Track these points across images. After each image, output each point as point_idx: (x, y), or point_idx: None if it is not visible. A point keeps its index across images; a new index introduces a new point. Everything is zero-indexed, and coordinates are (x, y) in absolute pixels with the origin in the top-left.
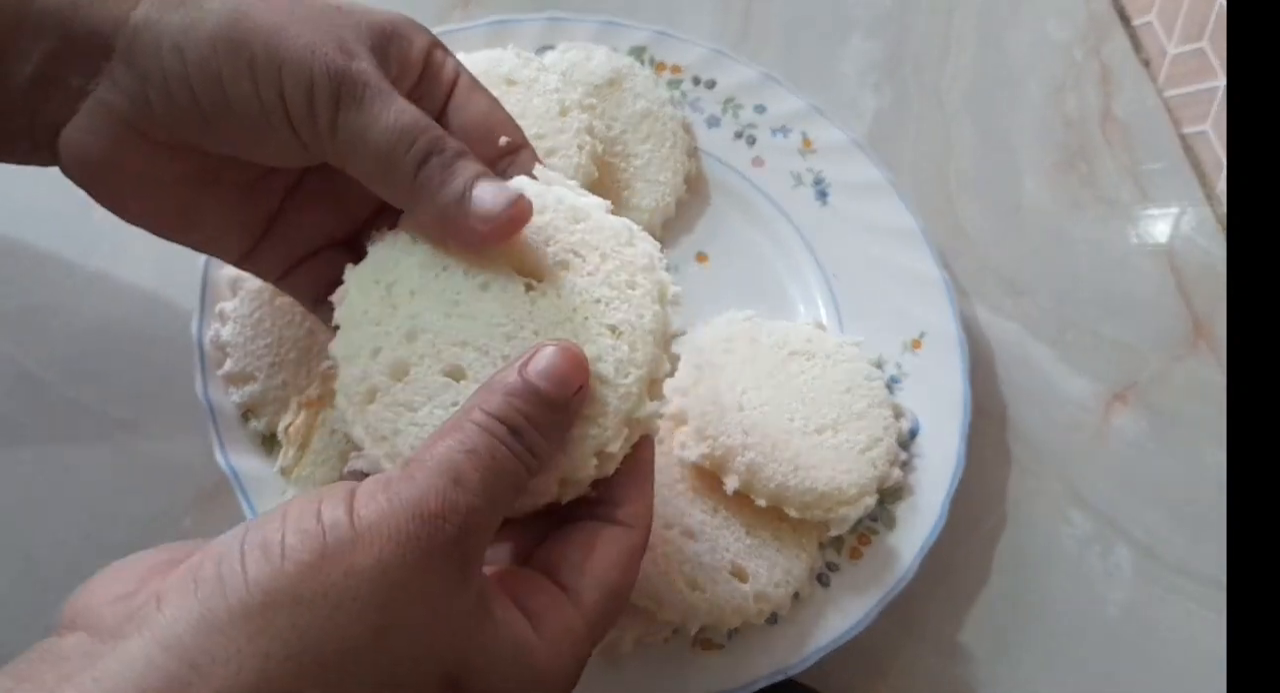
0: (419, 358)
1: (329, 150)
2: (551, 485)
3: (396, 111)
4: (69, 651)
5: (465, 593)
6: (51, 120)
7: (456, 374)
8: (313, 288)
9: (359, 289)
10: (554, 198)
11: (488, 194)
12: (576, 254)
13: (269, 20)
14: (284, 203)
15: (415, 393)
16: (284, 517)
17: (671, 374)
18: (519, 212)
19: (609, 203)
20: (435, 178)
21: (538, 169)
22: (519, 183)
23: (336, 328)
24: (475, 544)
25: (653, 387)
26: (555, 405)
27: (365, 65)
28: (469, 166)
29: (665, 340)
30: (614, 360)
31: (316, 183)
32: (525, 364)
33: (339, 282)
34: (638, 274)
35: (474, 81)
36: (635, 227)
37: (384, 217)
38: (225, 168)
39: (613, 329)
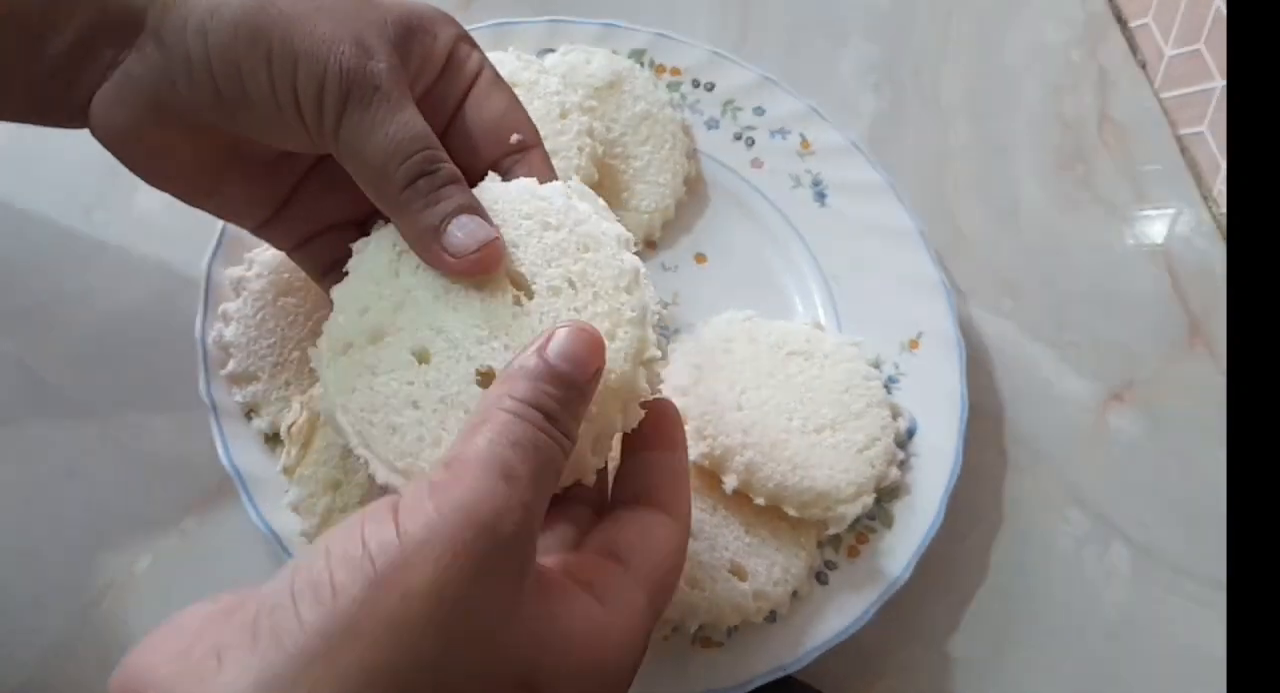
0: (397, 329)
1: (332, 148)
2: None
3: (400, 122)
4: None
5: (526, 593)
6: (86, 89)
7: (422, 356)
8: (323, 261)
9: (377, 246)
10: (573, 218)
11: (462, 231)
12: (572, 285)
13: (292, 10)
14: (304, 179)
15: (380, 359)
16: (328, 553)
17: (627, 429)
18: (487, 257)
19: (631, 236)
20: (419, 200)
21: (572, 182)
22: (550, 189)
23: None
24: (530, 540)
25: (599, 443)
26: (577, 387)
27: (381, 66)
28: (455, 196)
29: (627, 400)
30: None
31: (336, 163)
32: (544, 347)
33: (346, 257)
34: (621, 326)
35: (495, 77)
36: (643, 272)
37: None
38: (246, 145)
39: None
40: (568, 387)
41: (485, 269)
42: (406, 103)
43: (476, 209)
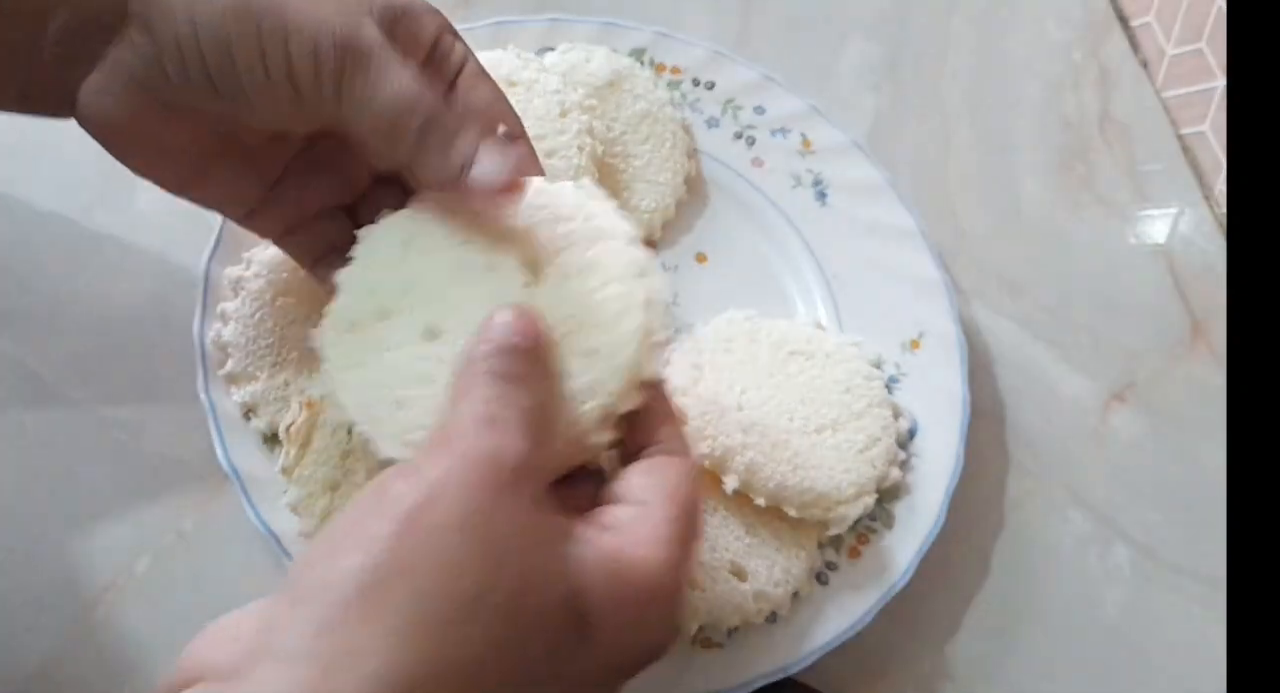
0: (407, 308)
1: (334, 116)
2: None
3: (401, 80)
4: None
5: (547, 524)
6: (75, 78)
7: (433, 332)
8: (311, 249)
9: (385, 232)
10: (585, 212)
11: (490, 161)
12: (582, 271)
13: None
14: (289, 167)
15: (390, 335)
16: (347, 516)
17: (633, 408)
18: (518, 177)
19: (638, 236)
20: (437, 147)
21: (584, 183)
22: (560, 188)
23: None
24: (535, 481)
25: (605, 420)
26: (528, 352)
27: (371, 33)
28: (471, 133)
29: (636, 379)
30: (579, 385)
31: (321, 149)
32: (483, 329)
33: (337, 244)
34: (632, 309)
35: (480, 69)
36: (651, 261)
37: (385, 185)
38: (234, 132)
39: (586, 354)
40: (518, 353)
41: (518, 191)
42: (400, 64)
43: (496, 138)
